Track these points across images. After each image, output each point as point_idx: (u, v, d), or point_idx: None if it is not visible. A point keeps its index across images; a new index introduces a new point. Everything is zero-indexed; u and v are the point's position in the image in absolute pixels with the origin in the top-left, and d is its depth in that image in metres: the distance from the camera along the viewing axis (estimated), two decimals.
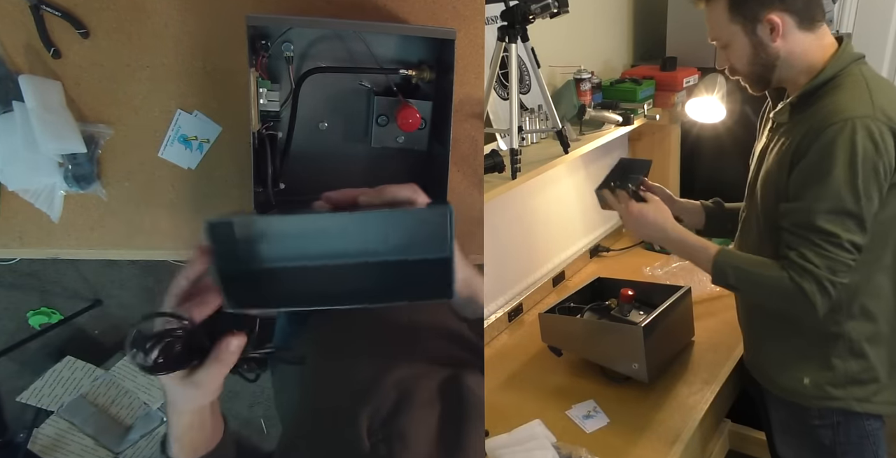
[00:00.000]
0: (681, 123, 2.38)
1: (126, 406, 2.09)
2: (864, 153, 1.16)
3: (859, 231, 1.20)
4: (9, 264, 2.03)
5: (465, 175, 1.29)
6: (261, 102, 1.08)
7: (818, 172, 1.19)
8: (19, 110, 1.08)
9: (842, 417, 1.37)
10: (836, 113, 1.19)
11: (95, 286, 2.13)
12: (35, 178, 1.14)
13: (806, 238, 1.21)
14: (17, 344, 2.01)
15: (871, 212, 1.20)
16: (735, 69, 1.36)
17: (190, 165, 1.20)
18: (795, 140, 1.24)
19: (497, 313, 1.95)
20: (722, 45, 1.34)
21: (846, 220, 1.19)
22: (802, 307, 1.22)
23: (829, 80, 1.25)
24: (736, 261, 1.30)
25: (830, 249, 1.19)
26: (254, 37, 1.03)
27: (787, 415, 1.48)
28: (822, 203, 1.19)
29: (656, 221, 1.38)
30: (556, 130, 1.61)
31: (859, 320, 1.31)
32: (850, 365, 1.33)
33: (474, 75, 1.25)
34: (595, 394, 1.63)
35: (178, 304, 0.63)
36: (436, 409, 0.77)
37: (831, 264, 1.19)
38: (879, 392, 1.35)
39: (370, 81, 1.16)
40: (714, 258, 1.30)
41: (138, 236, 1.22)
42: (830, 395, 1.35)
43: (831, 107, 1.21)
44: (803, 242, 1.21)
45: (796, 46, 1.26)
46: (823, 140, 1.18)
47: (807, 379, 1.37)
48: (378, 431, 0.73)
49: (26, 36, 1.08)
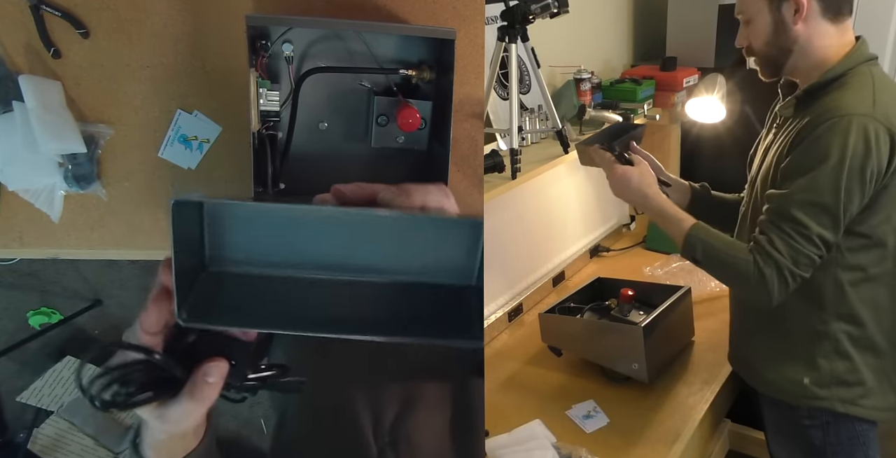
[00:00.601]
0: (681, 123, 2.38)
1: None
2: (854, 152, 1.16)
3: (832, 228, 1.20)
4: (9, 264, 2.03)
5: (465, 175, 1.29)
6: (261, 102, 1.08)
7: (806, 163, 1.20)
8: (19, 110, 1.08)
9: (831, 417, 1.37)
10: (836, 109, 1.19)
11: (95, 286, 2.13)
12: (35, 178, 1.14)
13: (778, 226, 1.21)
14: (17, 344, 2.01)
15: (849, 211, 1.20)
16: (752, 48, 1.34)
17: (190, 165, 1.20)
18: (795, 133, 1.24)
19: (497, 313, 1.95)
20: (745, 20, 1.33)
21: (821, 214, 1.19)
22: (758, 293, 1.22)
23: (837, 77, 1.24)
24: (707, 237, 1.30)
25: (799, 240, 1.19)
26: (254, 37, 1.03)
27: (778, 414, 1.48)
28: (802, 194, 1.19)
29: (640, 186, 1.37)
30: (556, 130, 1.62)
31: (846, 322, 1.31)
32: (835, 365, 1.33)
33: (474, 75, 1.25)
34: (595, 394, 1.63)
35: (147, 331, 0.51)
36: (440, 411, 0.76)
37: (795, 255, 1.20)
38: (866, 396, 1.34)
39: (370, 81, 1.16)
40: (687, 231, 1.31)
41: (138, 236, 1.22)
42: (816, 394, 1.36)
43: (833, 103, 1.21)
44: (775, 228, 1.22)
45: (816, 35, 1.25)
46: (818, 133, 1.18)
47: (794, 377, 1.37)
48: (385, 435, 0.72)
49: (26, 36, 1.08)
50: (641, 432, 1.49)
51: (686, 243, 1.31)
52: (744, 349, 1.52)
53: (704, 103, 2.05)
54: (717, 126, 2.14)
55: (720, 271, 1.32)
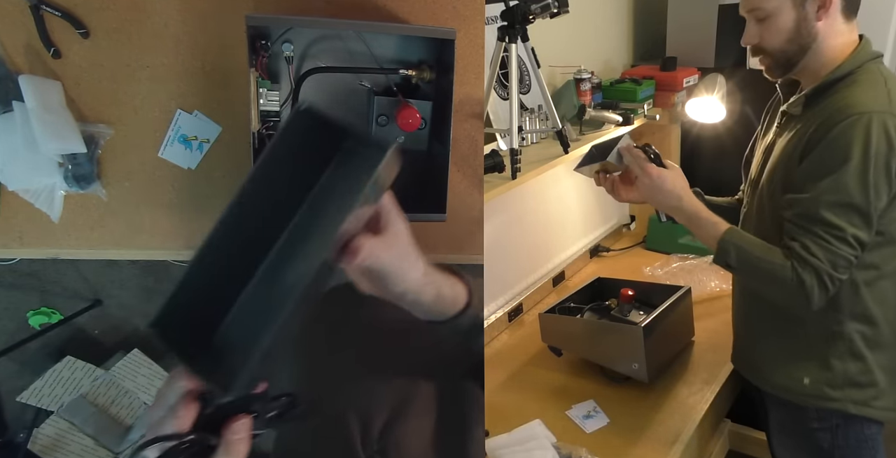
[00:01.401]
0: (681, 123, 2.38)
1: (126, 406, 2.09)
2: (878, 148, 1.14)
3: (865, 227, 1.18)
4: (9, 264, 2.03)
5: (465, 175, 1.29)
6: (261, 102, 1.08)
7: (829, 163, 1.17)
8: (19, 110, 1.08)
9: (841, 419, 1.36)
10: (852, 106, 1.17)
11: (95, 286, 2.12)
12: (35, 178, 1.14)
13: (809, 230, 1.19)
14: (17, 344, 2.01)
15: (878, 209, 1.18)
16: (763, 48, 1.28)
17: (190, 165, 1.20)
18: (807, 132, 1.22)
19: (497, 313, 1.95)
20: (762, 16, 1.25)
21: (852, 214, 1.17)
22: (797, 299, 1.20)
23: (847, 74, 1.23)
24: (742, 241, 1.26)
25: (834, 242, 1.17)
26: (254, 37, 1.03)
27: (785, 415, 1.47)
28: (830, 195, 1.17)
29: (674, 188, 1.32)
30: (556, 130, 1.61)
31: (860, 322, 1.30)
32: (848, 366, 1.32)
33: (474, 75, 1.25)
34: (595, 394, 1.63)
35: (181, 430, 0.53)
36: (432, 417, 0.76)
37: (833, 258, 1.17)
38: (878, 397, 1.34)
39: (370, 81, 1.16)
40: (721, 236, 1.27)
41: (138, 236, 1.22)
42: (828, 396, 1.34)
43: (847, 101, 1.19)
44: (806, 233, 1.19)
45: (832, 33, 1.23)
46: (836, 132, 1.16)
47: (806, 378, 1.35)
48: (373, 443, 0.72)
49: (26, 36, 1.08)
50: (641, 432, 1.49)
51: (720, 248, 1.27)
52: (751, 352, 1.51)
53: (704, 103, 2.05)
54: (717, 126, 2.14)
55: (755, 277, 1.28)
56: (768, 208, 1.33)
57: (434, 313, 0.70)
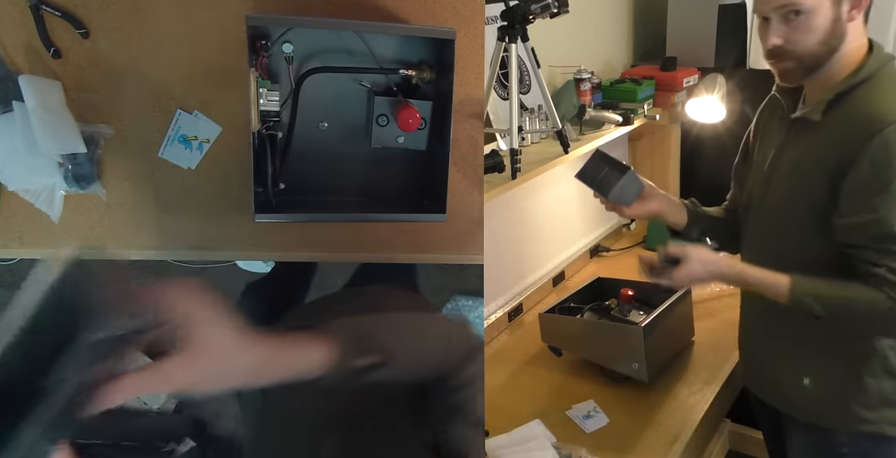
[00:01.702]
0: (681, 123, 2.38)
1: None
2: None
3: None
4: (9, 264, 2.03)
5: (465, 175, 1.29)
6: (261, 102, 1.08)
7: (881, 179, 1.11)
8: (19, 110, 1.08)
9: (872, 444, 1.28)
10: (882, 116, 1.11)
11: None
12: (35, 178, 1.14)
13: (889, 251, 1.12)
14: None
15: None
16: (790, 49, 1.17)
17: (190, 165, 1.20)
18: (835, 146, 1.16)
19: (497, 313, 1.95)
20: (795, 11, 1.13)
21: None
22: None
23: (867, 78, 1.17)
24: (815, 290, 1.18)
25: None
26: (254, 37, 1.03)
27: (809, 439, 1.38)
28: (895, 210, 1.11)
29: (709, 272, 1.26)
30: (556, 130, 1.61)
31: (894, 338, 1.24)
32: (884, 385, 1.25)
33: (474, 75, 1.25)
34: (595, 394, 1.63)
35: None
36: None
37: None
38: None
39: (370, 81, 1.16)
40: (789, 294, 1.19)
41: (138, 236, 1.22)
42: (862, 418, 1.26)
43: (873, 110, 1.14)
44: (887, 254, 1.12)
45: (854, 34, 1.17)
46: (876, 145, 1.10)
47: (835, 400, 1.29)
48: None
49: (26, 36, 1.08)
50: (641, 432, 1.49)
51: (796, 303, 1.19)
52: (769, 373, 1.42)
53: (704, 103, 2.05)
54: (717, 126, 2.14)
55: (849, 317, 1.20)
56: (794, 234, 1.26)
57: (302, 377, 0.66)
